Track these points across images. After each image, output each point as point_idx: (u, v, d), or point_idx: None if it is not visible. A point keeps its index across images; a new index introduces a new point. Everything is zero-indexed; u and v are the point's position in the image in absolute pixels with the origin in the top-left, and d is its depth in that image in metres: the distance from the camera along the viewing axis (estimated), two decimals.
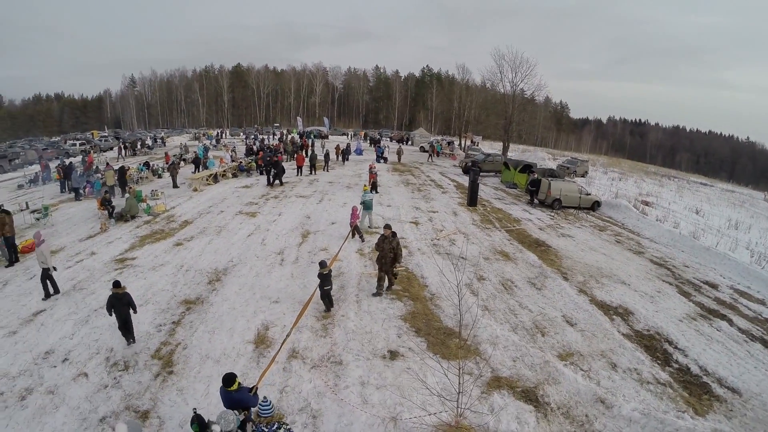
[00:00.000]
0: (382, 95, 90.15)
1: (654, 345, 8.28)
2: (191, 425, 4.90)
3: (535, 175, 20.16)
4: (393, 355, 7.54)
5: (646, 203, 21.23)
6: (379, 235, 9.59)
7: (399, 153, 32.39)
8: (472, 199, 18.18)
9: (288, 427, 5.07)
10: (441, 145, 39.53)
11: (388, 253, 9.08)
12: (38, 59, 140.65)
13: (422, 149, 40.44)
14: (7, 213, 12.12)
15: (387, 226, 9.42)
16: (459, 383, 5.24)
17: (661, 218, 18.40)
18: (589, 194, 19.60)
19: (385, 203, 18.05)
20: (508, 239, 14.21)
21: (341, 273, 10.91)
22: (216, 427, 4.56)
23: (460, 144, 47.32)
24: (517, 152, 42.32)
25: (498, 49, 43.18)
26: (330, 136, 49.88)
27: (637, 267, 12.48)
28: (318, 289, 8.98)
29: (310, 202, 18.13)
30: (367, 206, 13.74)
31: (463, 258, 11.00)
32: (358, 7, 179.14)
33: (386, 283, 9.49)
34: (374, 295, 9.41)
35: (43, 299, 9.26)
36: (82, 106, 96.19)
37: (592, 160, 41.73)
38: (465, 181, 22.49)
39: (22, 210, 16.41)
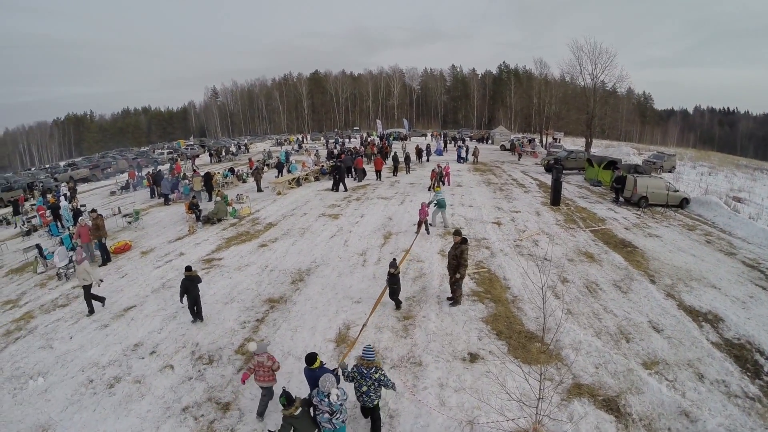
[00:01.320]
0: (460, 94, 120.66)
1: (744, 355, 10.18)
2: (280, 398, 7.15)
3: (620, 172, 25.72)
4: (473, 357, 9.92)
5: (738, 199, 25.94)
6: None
7: (475, 153, 41.41)
8: (555, 198, 23.45)
9: (383, 372, 7.56)
10: (522, 142, 51.47)
11: (452, 261, 11.80)
12: (126, 76, 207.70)
13: (503, 148, 54.21)
14: (100, 216, 18.10)
15: (456, 232, 12.30)
16: (540, 389, 6.77)
17: (754, 216, 22.22)
18: (677, 191, 24.69)
19: (467, 203, 23.39)
20: (593, 240, 17.92)
21: (422, 274, 14.43)
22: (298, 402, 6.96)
23: (541, 141, 60.59)
24: (600, 148, 53.69)
25: (575, 41, 57.61)
26: (411, 138, 68.37)
27: (729, 269, 15.23)
28: (387, 287, 11.91)
29: (392, 203, 24.16)
30: (440, 205, 18.48)
31: (546, 259, 14.62)
32: (428, 8, 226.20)
33: (459, 292, 12.25)
34: (451, 304, 12.24)
35: (87, 315, 13.04)
36: (168, 118, 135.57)
37: (679, 153, 51.00)
38: (547, 179, 29.20)
39: (114, 214, 24.67)
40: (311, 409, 7.15)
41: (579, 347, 10.15)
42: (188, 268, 12.26)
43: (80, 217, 19.93)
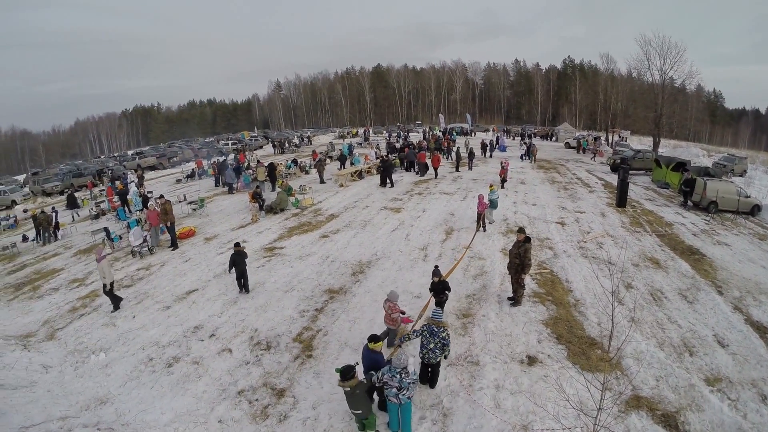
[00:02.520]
0: (524, 90, 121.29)
1: None
2: (336, 369, 7.67)
3: (690, 175, 25.48)
4: (531, 360, 10.03)
5: None
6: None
7: (533, 152, 40.60)
8: (621, 199, 23.38)
9: (449, 333, 8.56)
10: (587, 140, 51.42)
11: (514, 259, 11.97)
12: (192, 70, 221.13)
13: (567, 145, 54.40)
14: (168, 202, 19.23)
15: (520, 230, 12.42)
16: (601, 399, 6.66)
17: None
18: (749, 196, 24.05)
19: (530, 202, 23.63)
20: (659, 245, 17.67)
21: (484, 272, 14.72)
22: (360, 367, 7.63)
23: (607, 139, 60.52)
24: (668, 148, 52.73)
25: (643, 35, 57.07)
26: (476, 133, 69.85)
27: None
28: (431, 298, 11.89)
29: (454, 199, 24.62)
30: (492, 205, 19.01)
31: (610, 263, 14.66)
32: (490, 3, 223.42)
33: (519, 293, 12.38)
34: (512, 304, 12.40)
35: (112, 312, 13.55)
36: (232, 110, 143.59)
37: (750, 156, 49.23)
38: (613, 179, 29.15)
39: (180, 201, 26.44)
40: (369, 389, 7.78)
41: (641, 357, 10.11)
42: (237, 245, 14.00)
43: (149, 203, 21.56)
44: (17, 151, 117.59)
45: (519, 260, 11.84)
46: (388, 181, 28.69)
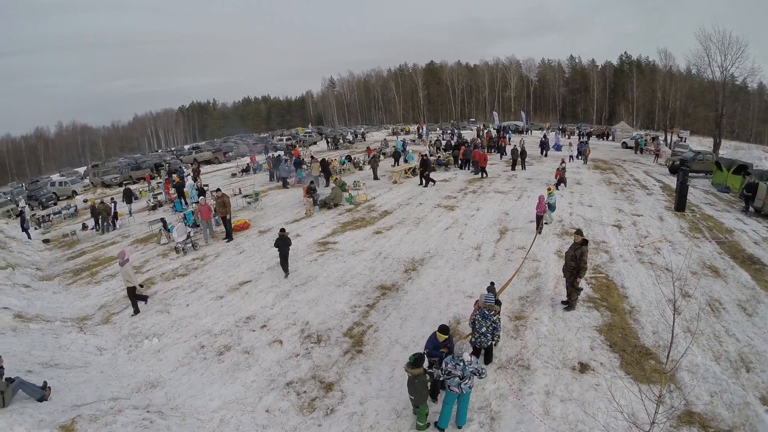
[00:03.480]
0: (579, 87, 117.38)
1: None
2: (410, 356, 7.95)
3: (752, 178, 24.12)
4: (583, 367, 9.85)
5: None
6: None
7: (585, 152, 39.52)
8: (680, 203, 22.69)
9: (499, 317, 9.10)
10: (644, 140, 50.15)
11: (570, 262, 11.78)
12: (246, 68, 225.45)
13: (624, 145, 53.42)
14: (225, 195, 19.87)
15: (578, 232, 12.29)
16: (655, 412, 6.45)
17: None
18: None
19: (586, 203, 23.41)
20: (719, 252, 16.92)
21: (538, 274, 14.57)
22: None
23: (665, 139, 58.46)
24: (729, 150, 49.93)
25: (703, 29, 55.90)
26: (532, 131, 69.00)
27: None
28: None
29: (509, 198, 24.50)
30: (551, 208, 19.04)
31: (667, 270, 14.39)
32: None
33: (574, 296, 12.23)
34: (565, 308, 12.22)
35: (132, 315, 13.53)
36: (286, 106, 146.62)
37: None
38: (672, 182, 28.56)
39: (235, 195, 27.31)
40: (432, 384, 8.09)
41: (696, 371, 9.72)
42: (282, 230, 15.46)
43: (201, 197, 22.26)
44: (78, 144, 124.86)
45: (575, 263, 11.66)
46: (426, 179, 28.57)
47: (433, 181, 28.48)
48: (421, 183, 28.31)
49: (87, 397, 9.39)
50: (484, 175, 30.65)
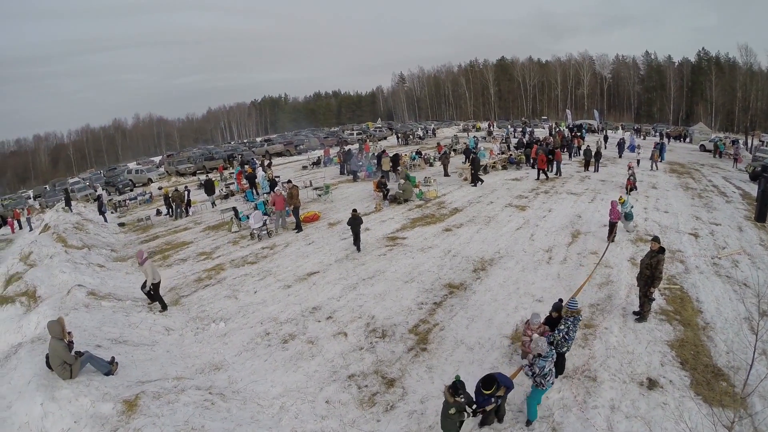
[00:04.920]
0: (655, 85, 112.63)
1: None
2: (456, 377, 7.67)
3: None
4: (652, 384, 9.37)
5: None
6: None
7: (653, 158, 36.66)
8: (761, 213, 21.36)
9: (580, 318, 9.01)
10: (724, 143, 47.12)
11: (645, 270, 11.36)
12: (317, 64, 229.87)
13: (702, 148, 50.55)
14: (296, 186, 20.52)
15: (655, 239, 11.80)
16: None
17: None
18: None
19: (662, 208, 22.59)
20: None
21: (610, 281, 14.09)
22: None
23: (745, 143, 55.53)
24: None
25: None
26: (607, 130, 65.40)
27: None
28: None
29: (582, 200, 23.96)
30: (628, 217, 18.28)
31: (745, 285, 13.54)
32: None
33: (647, 307, 11.79)
34: (637, 319, 11.77)
35: (160, 311, 13.39)
36: (357, 101, 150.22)
37: None
38: (752, 189, 26.85)
39: (306, 187, 27.93)
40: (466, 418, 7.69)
41: None
42: (354, 210, 17.08)
43: (276, 187, 23.11)
44: (154, 135, 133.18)
45: (650, 272, 11.19)
46: (475, 178, 28.24)
47: (481, 181, 28.14)
48: (473, 183, 27.98)
49: (152, 375, 9.77)
50: (544, 176, 29.90)
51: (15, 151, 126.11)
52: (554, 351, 7.80)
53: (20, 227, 36.89)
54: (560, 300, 10.45)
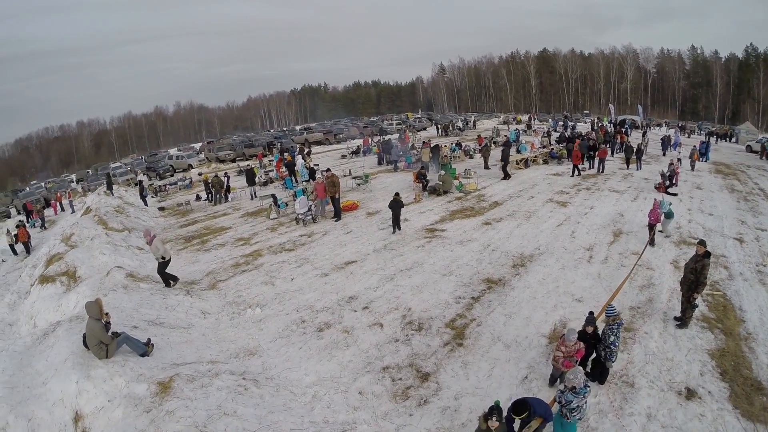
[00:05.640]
0: (701, 81, 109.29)
1: None
2: (495, 402, 7.23)
3: None
4: (690, 394, 9.07)
5: None
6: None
7: (692, 156, 34.85)
8: None
9: (621, 321, 8.72)
10: None
11: (689, 275, 11.05)
12: (357, 54, 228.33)
13: (749, 149, 47.97)
14: (335, 175, 20.48)
15: (701, 242, 11.42)
16: None
17: None
18: None
19: (707, 211, 21.86)
20: None
21: (651, 284, 13.68)
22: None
23: None
24: None
25: None
26: (652, 126, 64.81)
27: None
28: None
29: (624, 198, 23.36)
30: (668, 216, 17.66)
31: None
32: None
33: (689, 313, 11.43)
34: (678, 325, 11.41)
35: (164, 287, 13.67)
36: (396, 91, 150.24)
37: None
38: None
39: (345, 176, 28.07)
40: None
41: None
42: (396, 194, 17.88)
43: (317, 175, 23.40)
44: (195, 122, 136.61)
45: (694, 276, 10.81)
46: (505, 172, 27.94)
47: (509, 175, 27.80)
48: (504, 177, 27.61)
49: (187, 357, 9.88)
50: (577, 173, 29.25)
51: (59, 136, 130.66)
52: (589, 389, 7.36)
53: (62, 210, 38.51)
54: (591, 313, 10.06)
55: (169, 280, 13.92)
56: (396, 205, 17.64)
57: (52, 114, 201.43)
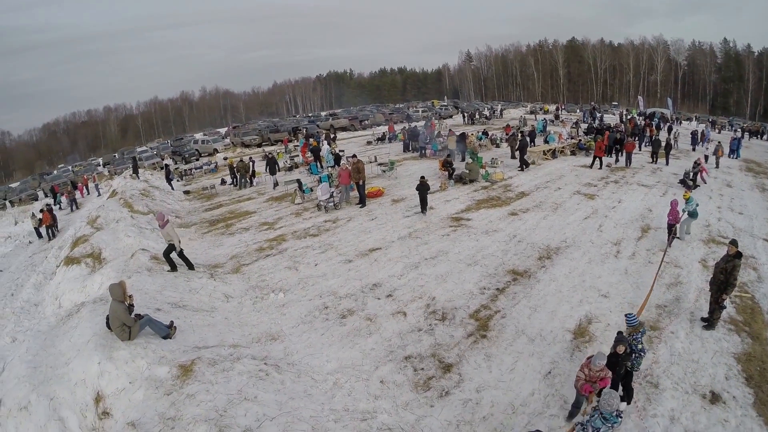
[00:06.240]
0: (732, 75, 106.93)
1: None
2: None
3: None
4: (714, 398, 8.87)
5: None
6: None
7: (717, 153, 33.26)
8: None
9: (643, 330, 8.39)
10: None
11: (718, 275, 10.77)
12: (383, 41, 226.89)
13: None
14: (361, 161, 20.42)
15: (732, 242, 11.11)
16: None
17: None
18: None
19: (737, 209, 21.29)
20: None
21: (679, 282, 13.37)
22: None
23: None
24: None
25: None
26: (681, 121, 63.29)
27: None
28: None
29: (653, 193, 22.88)
30: (692, 215, 16.82)
31: None
32: None
33: (717, 314, 11.17)
34: (704, 326, 11.14)
35: (168, 271, 13.34)
36: (422, 78, 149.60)
37: None
38: None
39: (370, 162, 27.98)
40: None
41: None
42: (422, 177, 18.47)
43: (342, 161, 23.42)
44: (220, 107, 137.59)
45: (724, 276, 10.56)
46: (522, 162, 27.59)
47: (527, 165, 27.47)
48: (521, 167, 27.27)
49: (209, 341, 9.92)
50: (599, 165, 28.56)
51: (86, 121, 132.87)
52: (620, 420, 6.93)
53: (88, 192, 39.29)
54: (620, 333, 9.72)
55: (174, 264, 13.57)
56: (423, 188, 18.05)
57: (79, 100, 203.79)
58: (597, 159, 28.25)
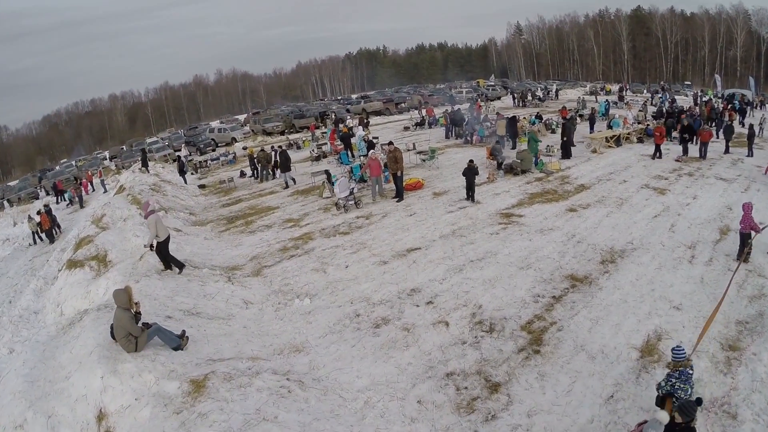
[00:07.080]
0: None
1: None
2: None
3: None
4: None
5: None
6: None
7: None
8: None
9: (691, 372, 7.73)
10: None
11: None
12: (421, 12, 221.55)
13: None
14: (398, 149, 20.30)
15: None
16: None
17: None
18: None
19: None
20: None
21: (763, 295, 12.64)
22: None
23: None
24: None
25: None
26: (766, 104, 59.03)
27: None
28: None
29: (733, 188, 21.93)
30: None
31: None
32: None
33: None
34: None
35: (162, 270, 13.41)
36: (466, 55, 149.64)
37: None
38: None
39: (408, 150, 28.12)
40: None
41: None
42: (471, 161, 19.24)
43: (371, 151, 22.97)
44: (238, 92, 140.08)
45: None
46: (565, 151, 27.31)
47: (570, 154, 27.15)
48: (565, 156, 27.01)
49: (225, 352, 9.93)
50: (658, 155, 27.76)
51: (90, 111, 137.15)
52: None
53: (93, 189, 40.44)
54: (698, 400, 9.48)
55: (170, 264, 13.63)
56: (470, 172, 18.51)
57: (82, 88, 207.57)
58: (657, 147, 27.62)
